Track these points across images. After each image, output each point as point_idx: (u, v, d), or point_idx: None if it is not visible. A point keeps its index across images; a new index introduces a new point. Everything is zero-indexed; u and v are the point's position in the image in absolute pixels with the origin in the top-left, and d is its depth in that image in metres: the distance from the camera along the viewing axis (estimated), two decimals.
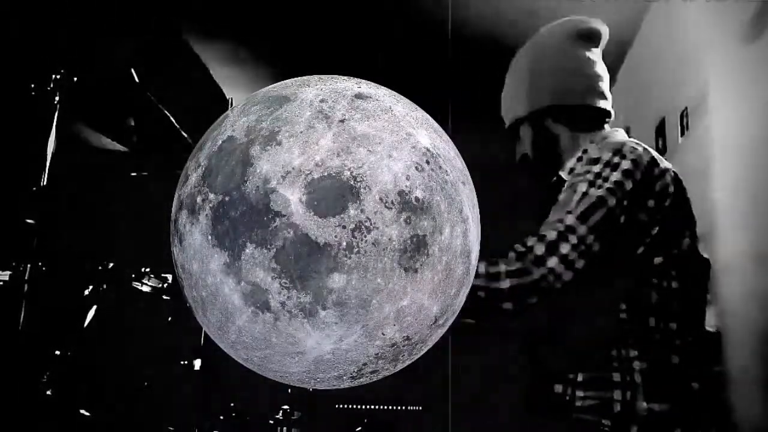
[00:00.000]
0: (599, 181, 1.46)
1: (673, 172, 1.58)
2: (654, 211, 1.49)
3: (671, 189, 1.52)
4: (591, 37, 1.81)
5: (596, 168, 1.49)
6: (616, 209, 1.44)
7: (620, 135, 1.65)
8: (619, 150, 1.52)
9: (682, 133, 2.79)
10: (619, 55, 3.74)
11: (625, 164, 1.48)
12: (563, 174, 1.71)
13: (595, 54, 1.80)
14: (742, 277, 2.19)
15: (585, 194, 1.45)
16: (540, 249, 1.40)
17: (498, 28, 3.26)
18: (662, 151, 3.05)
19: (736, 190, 2.27)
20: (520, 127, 1.73)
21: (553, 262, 1.39)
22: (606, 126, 1.71)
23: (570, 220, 1.42)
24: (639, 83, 3.55)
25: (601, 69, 1.78)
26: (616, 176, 1.47)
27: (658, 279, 1.49)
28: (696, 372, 1.47)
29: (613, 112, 1.73)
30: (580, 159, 1.65)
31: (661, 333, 1.46)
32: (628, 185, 1.46)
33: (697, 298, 1.54)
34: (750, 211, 2.16)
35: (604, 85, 1.75)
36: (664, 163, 1.57)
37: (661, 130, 3.08)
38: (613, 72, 3.90)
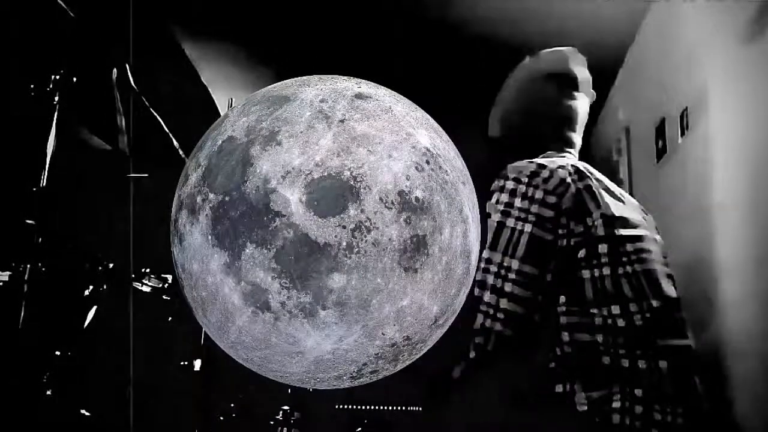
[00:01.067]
0: (498, 207, 1.57)
1: (572, 166, 1.61)
2: (556, 207, 1.53)
3: (569, 182, 1.56)
4: (566, 82, 1.91)
5: (493, 199, 1.61)
6: (515, 226, 1.52)
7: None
8: (503, 175, 1.62)
9: (683, 133, 2.79)
10: (619, 55, 3.73)
11: (509, 184, 1.58)
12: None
13: (570, 100, 1.87)
14: (743, 277, 2.19)
15: (493, 225, 1.56)
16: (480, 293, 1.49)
17: (500, 27, 3.26)
18: (662, 151, 3.05)
19: (736, 189, 2.27)
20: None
21: (486, 297, 1.48)
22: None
23: (486, 254, 1.52)
24: (639, 83, 3.55)
25: (568, 113, 1.86)
26: (504, 198, 1.56)
27: (588, 269, 1.51)
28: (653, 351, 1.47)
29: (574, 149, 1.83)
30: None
31: (603, 318, 1.47)
32: (516, 201, 1.55)
33: (636, 276, 1.54)
34: (750, 211, 2.16)
35: (564, 128, 1.84)
36: (557, 164, 1.60)
37: (661, 130, 3.08)
38: (613, 72, 3.90)
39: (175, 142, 2.25)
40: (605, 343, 1.45)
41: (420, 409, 2.97)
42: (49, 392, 1.92)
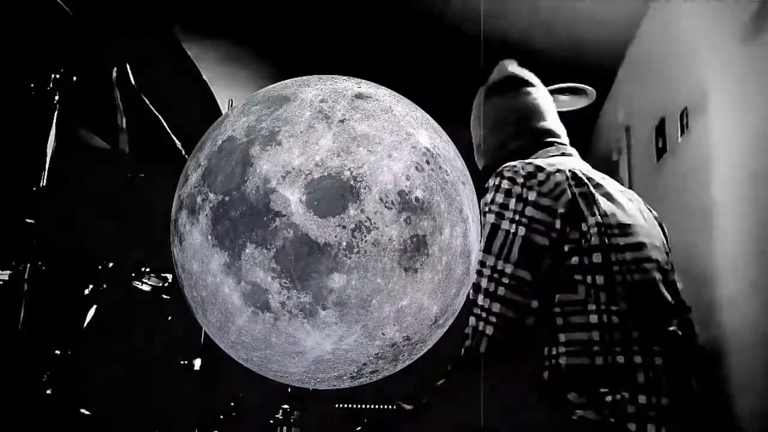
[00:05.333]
0: (492, 207, 1.53)
1: (570, 171, 1.57)
2: (551, 211, 1.49)
3: (565, 187, 1.52)
4: (509, 84, 1.91)
5: (487, 197, 1.57)
6: (509, 228, 1.49)
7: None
8: (499, 173, 1.58)
9: (682, 133, 2.79)
10: (619, 55, 3.74)
11: (504, 184, 1.55)
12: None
13: (517, 94, 1.86)
14: (742, 276, 2.19)
15: (487, 226, 1.52)
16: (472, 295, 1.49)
17: (500, 27, 3.26)
18: (662, 151, 3.05)
19: (735, 189, 2.27)
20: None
21: (479, 300, 1.47)
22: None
23: (481, 257, 1.49)
24: (639, 83, 3.55)
25: (525, 107, 1.84)
26: (499, 198, 1.53)
27: (581, 276, 1.48)
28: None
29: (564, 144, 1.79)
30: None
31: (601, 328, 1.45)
32: (511, 202, 1.51)
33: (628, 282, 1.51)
34: (749, 210, 2.16)
35: (531, 121, 1.82)
36: (555, 167, 1.57)
37: (661, 130, 3.08)
38: (613, 72, 3.90)
39: (176, 142, 2.25)
40: (602, 342, 1.43)
41: (419, 408, 2.97)
42: (48, 391, 1.91)
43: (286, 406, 2.49)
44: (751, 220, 2.15)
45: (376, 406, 2.92)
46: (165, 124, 2.25)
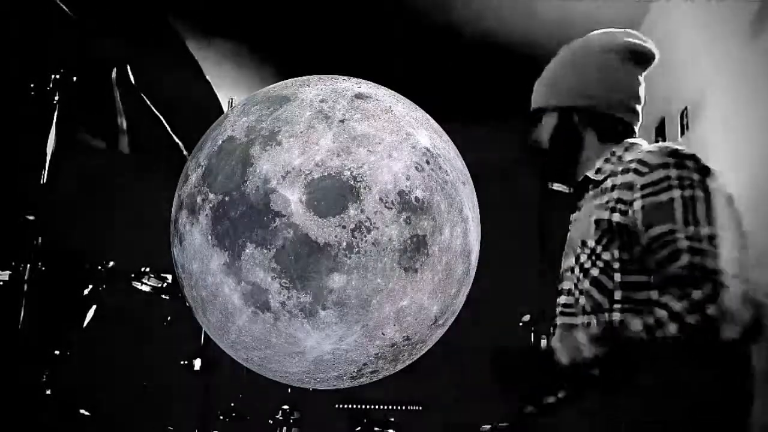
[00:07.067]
0: (687, 183, 1.40)
1: None
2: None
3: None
4: (642, 59, 1.76)
5: (672, 172, 1.40)
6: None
7: (644, 143, 1.59)
8: (675, 152, 1.46)
9: (682, 133, 2.79)
10: None
11: (692, 163, 1.46)
12: (590, 174, 1.59)
13: (640, 77, 1.75)
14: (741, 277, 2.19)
15: (692, 198, 1.36)
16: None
17: (499, 28, 3.26)
18: None
19: (735, 189, 2.27)
20: (543, 116, 1.59)
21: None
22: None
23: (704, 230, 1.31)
24: None
25: (641, 92, 1.73)
26: (696, 176, 1.42)
27: None
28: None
29: (637, 132, 1.71)
30: (609, 161, 1.55)
31: None
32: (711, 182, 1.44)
33: None
34: (749, 211, 2.16)
35: (640, 107, 1.71)
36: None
37: (661, 130, 3.08)
38: None
39: (179, 142, 2.24)
40: None
41: (420, 408, 2.97)
42: (48, 392, 1.91)
43: (285, 407, 2.48)
44: (751, 220, 2.15)
45: (377, 407, 2.92)
46: (165, 123, 2.25)
